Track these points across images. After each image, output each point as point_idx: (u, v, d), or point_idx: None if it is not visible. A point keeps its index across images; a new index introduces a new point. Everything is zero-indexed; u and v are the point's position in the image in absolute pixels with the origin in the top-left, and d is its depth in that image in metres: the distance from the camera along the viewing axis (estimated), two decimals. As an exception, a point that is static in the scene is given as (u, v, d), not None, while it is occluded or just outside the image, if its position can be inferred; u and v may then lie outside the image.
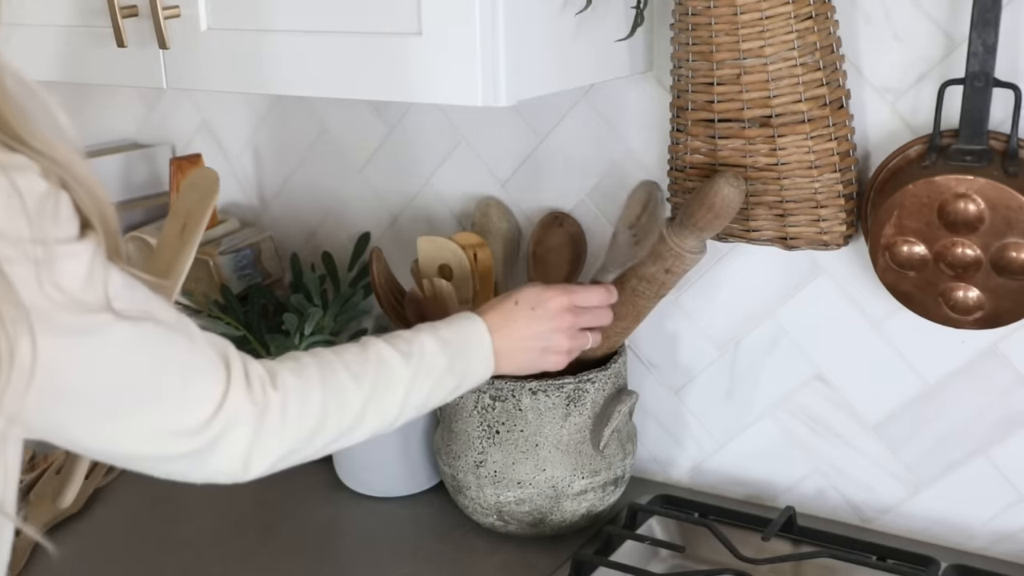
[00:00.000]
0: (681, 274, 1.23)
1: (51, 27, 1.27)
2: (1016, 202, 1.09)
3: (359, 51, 1.09)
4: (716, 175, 1.19)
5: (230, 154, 1.71)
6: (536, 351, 1.12)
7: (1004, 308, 1.14)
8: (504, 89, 1.05)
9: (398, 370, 1.00)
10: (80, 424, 0.80)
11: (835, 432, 1.35)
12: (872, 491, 1.35)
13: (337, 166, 1.62)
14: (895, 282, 1.19)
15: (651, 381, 1.45)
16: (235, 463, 0.89)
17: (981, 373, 1.25)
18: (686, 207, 1.21)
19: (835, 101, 1.19)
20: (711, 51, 1.18)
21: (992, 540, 1.29)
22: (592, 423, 1.28)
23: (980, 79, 1.11)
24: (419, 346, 1.02)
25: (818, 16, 1.15)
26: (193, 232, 1.13)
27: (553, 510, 1.29)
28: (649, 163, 1.37)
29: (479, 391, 1.27)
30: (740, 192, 1.17)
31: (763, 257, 1.32)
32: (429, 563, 1.32)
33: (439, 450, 1.36)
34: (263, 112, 1.66)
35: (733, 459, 1.43)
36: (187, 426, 0.84)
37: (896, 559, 1.22)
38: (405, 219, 1.58)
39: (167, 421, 0.83)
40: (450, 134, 1.50)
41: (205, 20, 1.18)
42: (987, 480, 1.27)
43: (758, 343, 1.37)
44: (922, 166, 1.15)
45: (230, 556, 1.34)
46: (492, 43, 1.03)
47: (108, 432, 0.81)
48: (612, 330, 1.26)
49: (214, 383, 0.86)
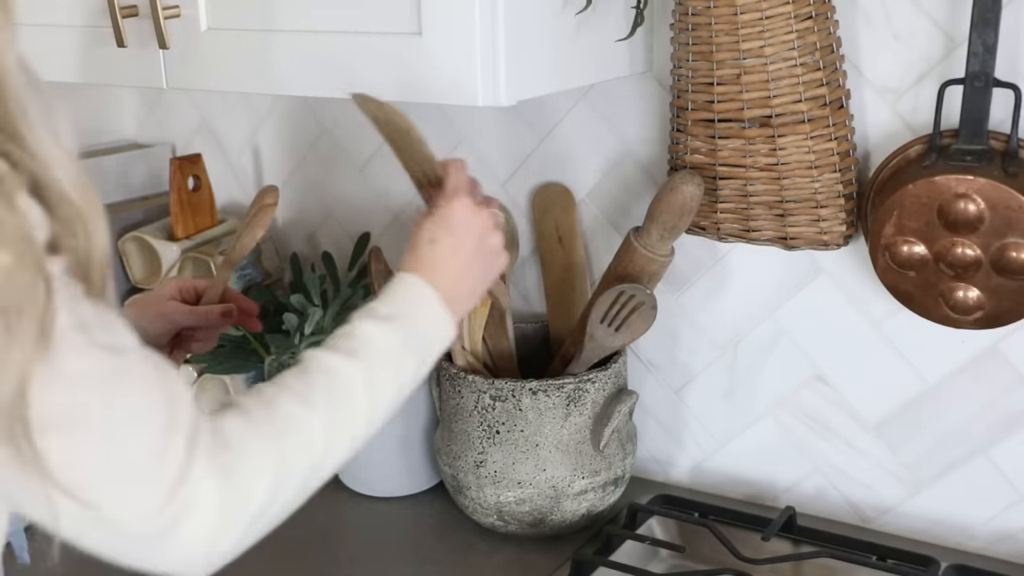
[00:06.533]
0: (656, 280, 1.27)
1: (51, 27, 1.27)
2: (1016, 202, 1.09)
3: (359, 51, 1.09)
4: (672, 178, 1.23)
5: (230, 154, 1.71)
6: (480, 267, 1.00)
7: (1004, 308, 1.14)
8: (504, 89, 1.05)
9: (348, 374, 0.87)
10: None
11: (835, 432, 1.35)
12: (872, 491, 1.35)
13: (337, 166, 1.62)
14: (895, 282, 1.19)
15: (651, 381, 1.45)
16: (199, 545, 0.77)
17: (981, 373, 1.25)
18: (653, 214, 1.23)
19: (835, 101, 1.19)
20: (711, 51, 1.18)
21: (992, 540, 1.29)
22: (592, 423, 1.28)
23: (980, 79, 1.11)
24: (361, 338, 0.89)
25: (818, 16, 1.15)
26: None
27: (553, 510, 1.29)
28: (649, 163, 1.37)
29: (479, 391, 1.27)
30: (701, 186, 1.21)
31: (763, 257, 1.32)
32: (429, 563, 1.32)
33: (439, 450, 1.36)
34: (263, 112, 1.66)
35: (733, 459, 1.42)
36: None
37: (896, 559, 1.22)
38: (405, 219, 1.58)
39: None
40: (450, 134, 1.50)
41: (205, 20, 1.18)
42: (987, 480, 1.27)
43: (758, 343, 1.37)
44: (922, 166, 1.15)
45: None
46: (492, 43, 1.03)
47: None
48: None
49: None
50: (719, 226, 1.26)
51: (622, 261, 1.28)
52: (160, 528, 0.73)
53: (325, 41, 1.11)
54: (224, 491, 0.76)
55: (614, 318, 1.25)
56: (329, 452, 0.86)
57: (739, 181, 1.22)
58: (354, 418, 0.87)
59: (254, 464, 0.79)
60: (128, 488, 0.72)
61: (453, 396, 1.31)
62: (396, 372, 0.90)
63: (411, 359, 0.91)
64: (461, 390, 1.30)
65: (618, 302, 1.24)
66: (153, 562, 0.77)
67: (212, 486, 0.75)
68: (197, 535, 0.75)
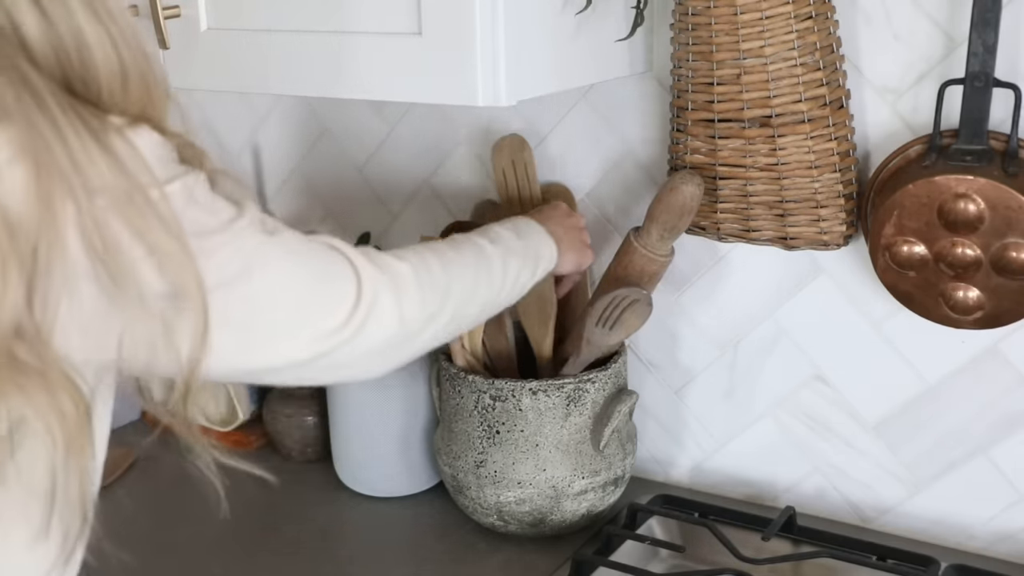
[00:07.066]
0: (656, 280, 1.28)
1: (51, 27, 1.26)
2: (1016, 202, 1.09)
3: (359, 51, 1.09)
4: (672, 178, 1.23)
5: (230, 154, 1.71)
6: (578, 241, 1.24)
7: (1004, 308, 1.14)
8: (504, 89, 1.05)
9: (489, 249, 1.08)
10: (231, 351, 0.79)
11: (835, 432, 1.35)
12: (872, 491, 1.35)
13: (337, 166, 1.62)
14: (895, 282, 1.19)
15: (651, 381, 1.45)
16: (390, 326, 0.91)
17: (981, 373, 1.25)
18: (652, 214, 1.23)
19: (835, 101, 1.19)
20: (711, 51, 1.18)
21: (992, 540, 1.29)
22: (592, 423, 1.28)
23: (980, 79, 1.11)
24: (496, 233, 1.11)
25: (818, 16, 1.15)
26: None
27: (553, 510, 1.29)
28: (649, 163, 1.37)
29: (479, 391, 1.27)
30: (701, 186, 1.21)
31: (763, 257, 1.32)
32: (429, 563, 1.32)
33: (439, 450, 1.36)
34: (263, 112, 1.66)
35: (733, 459, 1.42)
36: (338, 320, 0.85)
37: (896, 559, 1.22)
38: (405, 219, 1.58)
39: (323, 323, 0.85)
40: (450, 134, 1.50)
41: (205, 20, 1.18)
42: (987, 480, 1.27)
43: (758, 343, 1.37)
44: (922, 166, 1.15)
45: (231, 556, 1.34)
46: (492, 43, 1.03)
47: (261, 353, 0.82)
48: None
49: (348, 271, 0.88)
50: (719, 226, 1.26)
51: (622, 261, 1.28)
52: (354, 329, 0.87)
53: (325, 41, 1.11)
54: (398, 289, 0.92)
55: (607, 319, 1.25)
56: (472, 298, 1.04)
57: (739, 181, 1.22)
58: (493, 279, 1.07)
59: (424, 274, 0.96)
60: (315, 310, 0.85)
61: (453, 396, 1.31)
62: (520, 265, 1.11)
63: (529, 262, 1.13)
64: (461, 390, 1.30)
65: (612, 304, 1.24)
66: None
67: (385, 286, 0.90)
68: (385, 321, 0.90)
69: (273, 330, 0.82)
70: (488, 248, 1.08)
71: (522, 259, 1.11)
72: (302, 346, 0.84)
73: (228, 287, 0.76)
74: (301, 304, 0.83)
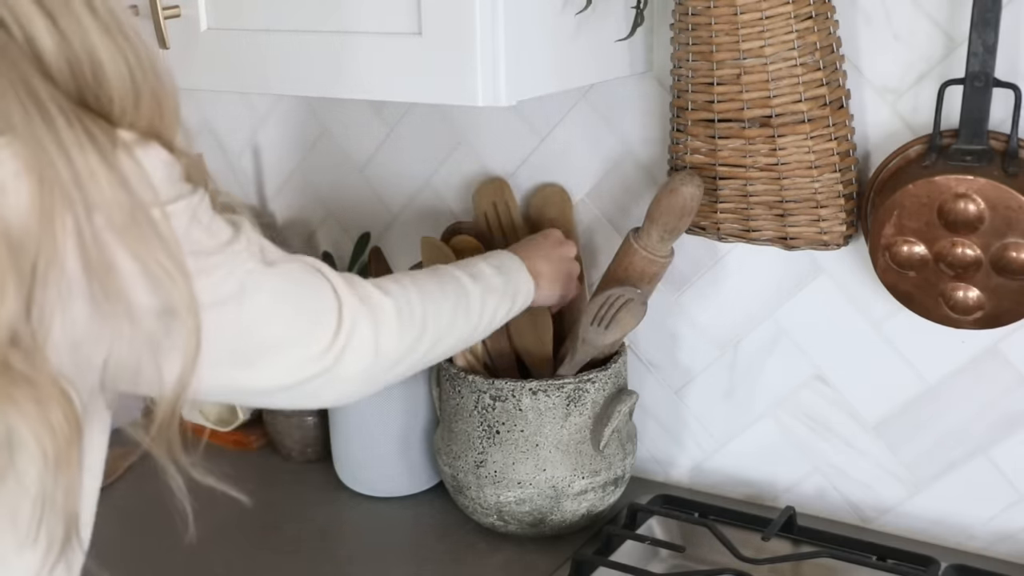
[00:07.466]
0: (656, 281, 1.27)
1: (51, 27, 1.27)
2: (1016, 202, 1.09)
3: (359, 51, 1.09)
4: (672, 179, 1.22)
5: (230, 154, 1.71)
6: (564, 273, 1.26)
7: (1004, 308, 1.14)
8: (504, 89, 1.05)
9: (469, 286, 1.10)
10: (219, 371, 0.80)
11: (835, 432, 1.35)
12: (872, 491, 1.35)
13: (337, 166, 1.62)
14: (895, 282, 1.19)
15: (651, 381, 1.45)
16: (366, 357, 0.93)
17: (981, 373, 1.25)
18: (652, 216, 1.23)
19: (835, 101, 1.19)
20: (711, 51, 1.18)
21: (992, 540, 1.29)
22: (592, 423, 1.28)
23: (980, 79, 1.11)
24: (479, 269, 1.14)
25: (818, 16, 1.15)
26: None
27: (553, 510, 1.29)
28: (649, 163, 1.37)
29: (479, 391, 1.27)
30: (701, 187, 1.21)
31: (763, 257, 1.32)
32: (429, 563, 1.32)
33: (439, 450, 1.36)
34: (263, 112, 1.66)
35: (733, 459, 1.42)
36: (321, 346, 0.88)
37: (896, 559, 1.22)
38: (405, 219, 1.58)
39: (307, 349, 0.87)
40: (450, 134, 1.50)
41: (205, 20, 1.18)
42: (987, 480, 1.27)
43: (758, 343, 1.37)
44: (922, 166, 1.15)
45: (231, 556, 1.34)
46: (492, 43, 1.03)
47: (247, 374, 0.84)
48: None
49: (332, 298, 0.89)
50: (719, 226, 1.26)
51: (621, 263, 1.28)
52: (333, 359, 0.89)
53: (325, 41, 1.11)
54: (376, 322, 0.94)
55: (603, 318, 1.25)
56: (448, 333, 1.06)
57: (739, 181, 1.22)
58: (471, 315, 1.09)
59: (404, 307, 0.99)
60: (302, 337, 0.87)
61: (453, 396, 1.31)
62: (497, 303, 1.13)
63: (506, 300, 1.15)
64: (461, 390, 1.30)
65: (606, 303, 1.25)
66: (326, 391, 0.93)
67: (365, 316, 0.92)
68: (362, 351, 0.92)
69: (261, 352, 0.83)
70: (468, 285, 1.10)
71: (500, 296, 1.14)
72: (288, 370, 0.86)
73: (221, 307, 0.77)
74: (289, 328, 0.85)
